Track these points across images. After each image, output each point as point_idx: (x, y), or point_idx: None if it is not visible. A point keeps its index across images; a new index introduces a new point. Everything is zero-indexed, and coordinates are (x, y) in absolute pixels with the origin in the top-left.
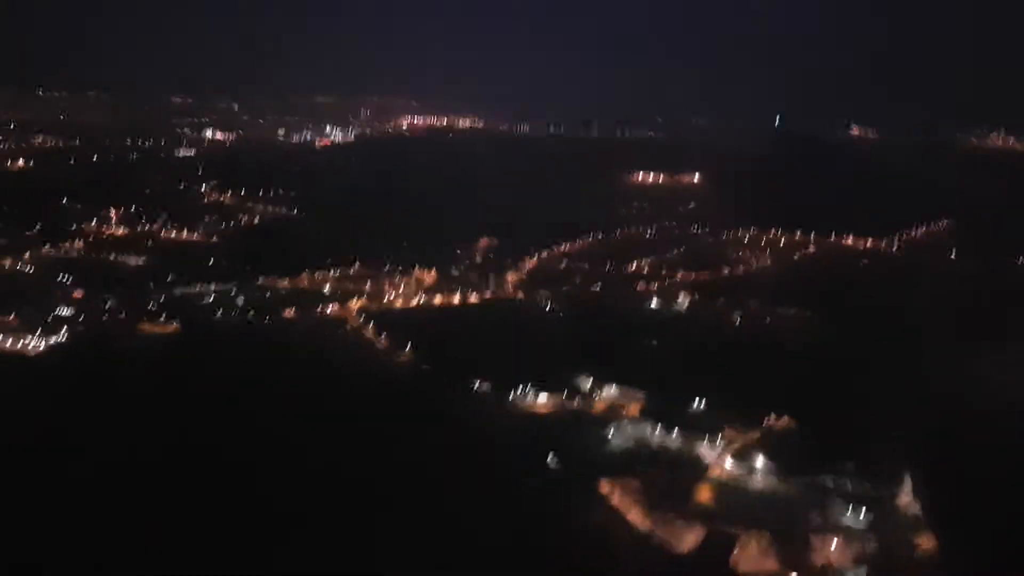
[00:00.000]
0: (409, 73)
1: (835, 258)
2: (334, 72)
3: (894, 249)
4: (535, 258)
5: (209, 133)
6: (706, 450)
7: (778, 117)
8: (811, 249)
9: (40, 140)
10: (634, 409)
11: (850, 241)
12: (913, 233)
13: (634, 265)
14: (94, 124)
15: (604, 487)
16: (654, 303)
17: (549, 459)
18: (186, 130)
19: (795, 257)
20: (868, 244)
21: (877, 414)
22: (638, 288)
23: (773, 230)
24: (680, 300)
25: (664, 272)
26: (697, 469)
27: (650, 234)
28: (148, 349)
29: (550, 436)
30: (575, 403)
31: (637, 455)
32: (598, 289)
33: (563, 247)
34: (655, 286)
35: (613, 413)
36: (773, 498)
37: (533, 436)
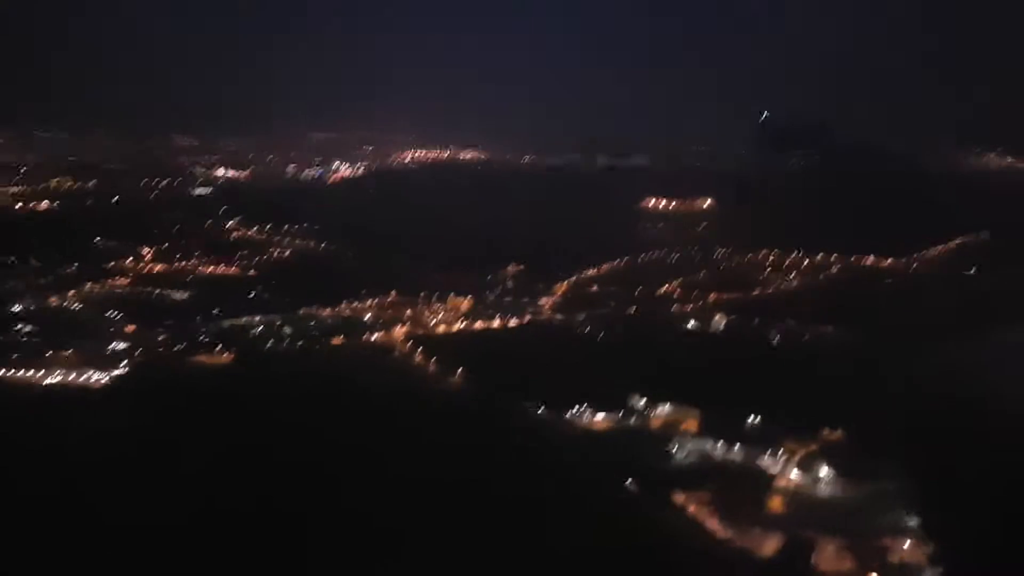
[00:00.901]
0: (402, 110)
1: (859, 277)
2: (327, 110)
3: (913, 267)
4: (565, 283)
5: (220, 171)
6: (769, 462)
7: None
8: (834, 270)
9: (56, 182)
10: (691, 425)
11: (870, 261)
12: (930, 252)
13: (664, 288)
14: (104, 165)
15: (678, 499)
16: (691, 324)
17: (628, 483)
18: (197, 168)
19: (820, 277)
20: (888, 263)
21: (920, 422)
22: (673, 310)
23: (795, 252)
24: (717, 320)
25: (695, 294)
26: (763, 480)
27: (673, 258)
28: (208, 378)
29: (613, 453)
30: (631, 421)
31: (703, 469)
32: (634, 311)
33: (591, 271)
34: (689, 307)
35: (671, 429)
36: (842, 503)
37: (597, 453)
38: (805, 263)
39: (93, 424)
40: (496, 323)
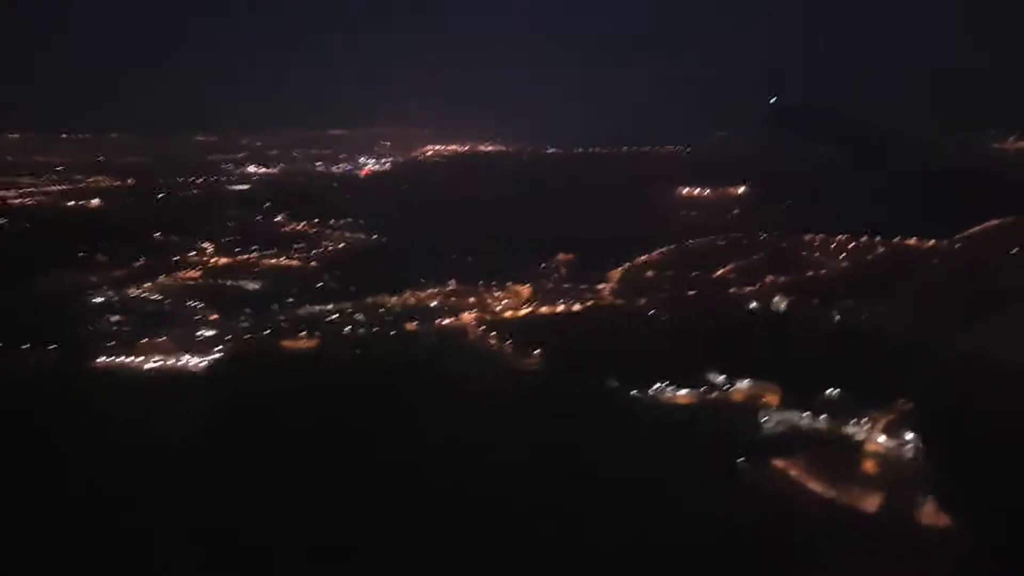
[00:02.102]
0: (416, 105)
1: (905, 258)
2: (341, 106)
3: (957, 247)
4: (620, 270)
5: (252, 168)
6: (855, 428)
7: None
8: (880, 251)
9: (93, 180)
10: (773, 399)
11: (913, 242)
12: (973, 232)
13: (720, 271)
14: (135, 163)
15: (777, 465)
16: (752, 305)
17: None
18: (228, 166)
19: (868, 258)
20: (931, 244)
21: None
22: (732, 292)
23: (839, 235)
24: (777, 301)
25: (750, 277)
26: (853, 445)
27: (721, 243)
28: (297, 361)
29: (703, 425)
30: (713, 396)
31: (793, 437)
32: (694, 294)
33: (642, 258)
34: (747, 290)
35: (754, 403)
36: (931, 463)
37: (688, 426)
38: (851, 246)
39: (197, 405)
40: (560, 308)
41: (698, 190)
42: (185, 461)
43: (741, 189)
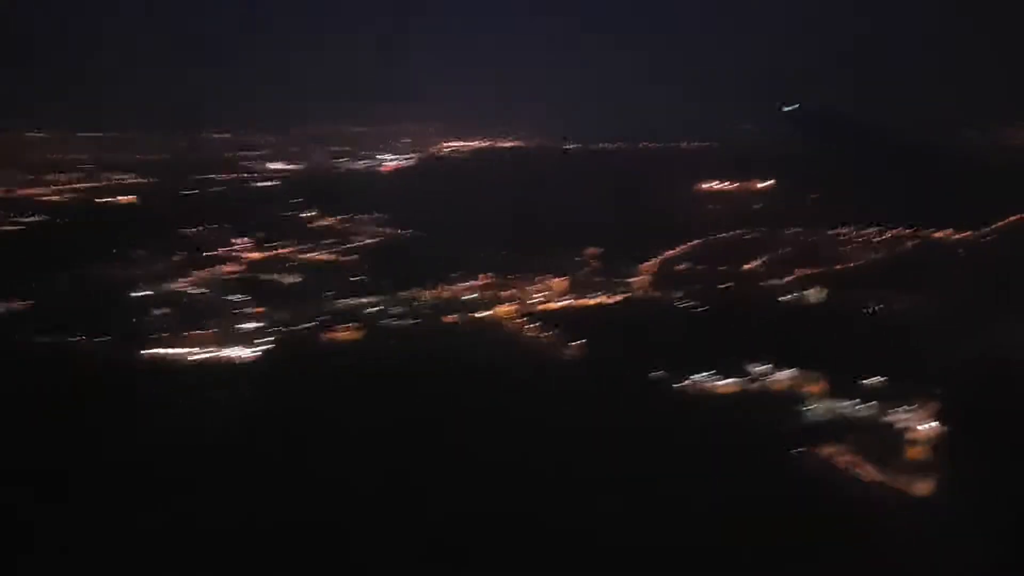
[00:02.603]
0: (430, 102)
1: (936, 250)
2: (353, 103)
3: (985, 240)
4: (651, 263)
5: (272, 164)
6: (900, 416)
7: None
8: (910, 244)
9: (119, 178)
10: (815, 388)
11: (942, 234)
12: (1001, 224)
13: (751, 264)
14: (156, 161)
15: (826, 451)
16: (788, 297)
17: None
18: (250, 162)
19: (899, 251)
20: (960, 236)
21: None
22: (765, 284)
23: (867, 228)
24: (811, 292)
25: (782, 270)
26: (900, 431)
27: (749, 237)
28: (346, 353)
29: (747, 414)
30: (755, 385)
31: (840, 424)
32: (727, 287)
33: (671, 252)
34: (781, 282)
35: (797, 392)
36: (977, 447)
37: (733, 416)
38: (880, 238)
39: (250, 394)
40: (596, 300)
41: (720, 184)
42: (243, 448)
43: (764, 183)
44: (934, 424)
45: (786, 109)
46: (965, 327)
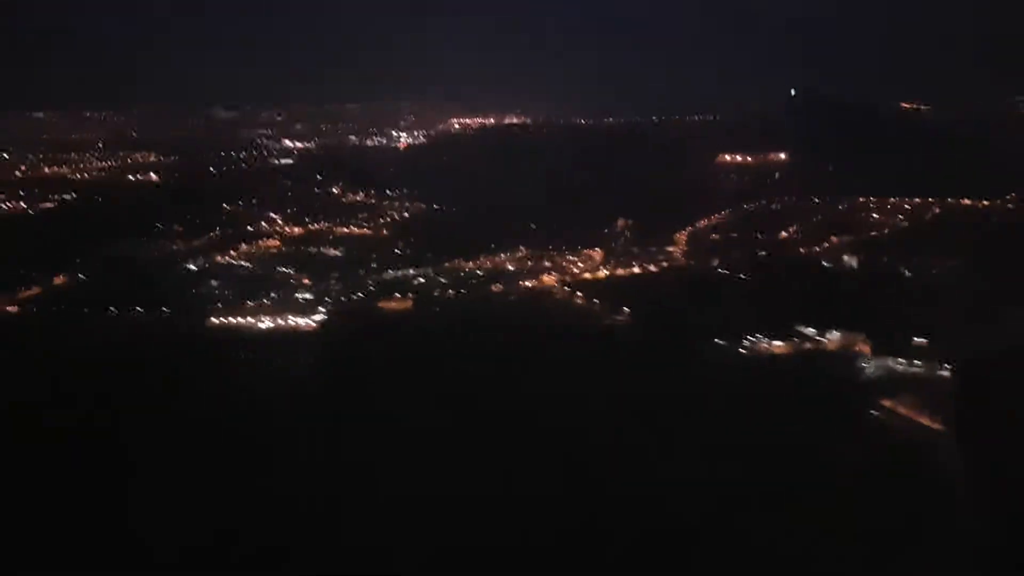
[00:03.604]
0: (434, 79)
1: (963, 217)
2: (355, 81)
3: (1010, 207)
4: (684, 233)
5: (287, 142)
6: (948, 372)
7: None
8: (936, 211)
9: (140, 155)
10: (864, 347)
11: (968, 202)
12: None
13: (784, 233)
14: (170, 139)
15: (886, 403)
16: (824, 263)
17: None
18: (264, 140)
19: (927, 217)
20: (986, 203)
21: None
22: (802, 251)
23: (891, 196)
24: (847, 258)
25: (815, 237)
26: (950, 383)
27: (776, 207)
28: (399, 320)
29: (807, 372)
30: (807, 346)
31: (895, 380)
32: (765, 254)
33: (703, 222)
34: (816, 249)
35: (848, 351)
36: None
37: (793, 374)
38: (906, 206)
39: (314, 360)
40: (636, 268)
41: (739, 157)
42: (312, 412)
43: (782, 155)
44: (977, 381)
45: (793, 92)
46: (996, 289)
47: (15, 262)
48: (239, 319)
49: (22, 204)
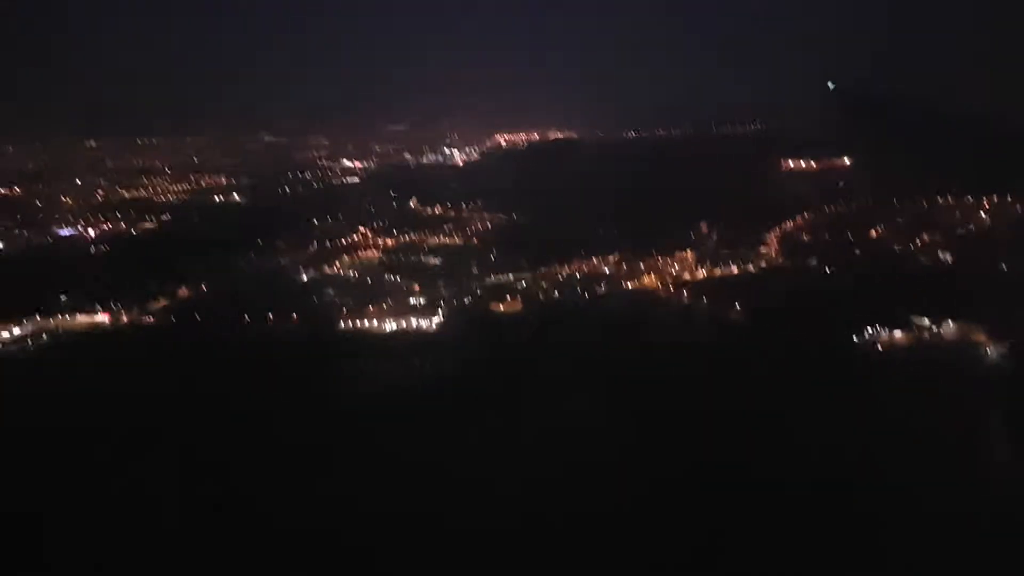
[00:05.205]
0: (475, 100)
1: None
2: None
3: None
4: (773, 234)
5: (348, 162)
6: None
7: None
8: (1018, 208)
9: (211, 179)
10: (980, 336)
11: None
12: None
13: (874, 232)
14: (231, 163)
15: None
16: (920, 260)
17: None
18: (322, 161)
19: (1010, 215)
20: None
21: None
22: (897, 249)
23: (966, 197)
24: (942, 255)
25: (905, 236)
26: None
27: (857, 209)
28: (515, 322)
29: (937, 359)
30: (927, 337)
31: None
32: (859, 252)
33: (787, 224)
34: (911, 247)
35: (967, 341)
36: None
37: (927, 361)
38: (985, 205)
39: (447, 357)
40: (735, 269)
41: (802, 162)
42: (454, 407)
43: (845, 160)
44: None
45: (831, 86)
46: None
47: (136, 277)
48: (365, 323)
49: (122, 225)
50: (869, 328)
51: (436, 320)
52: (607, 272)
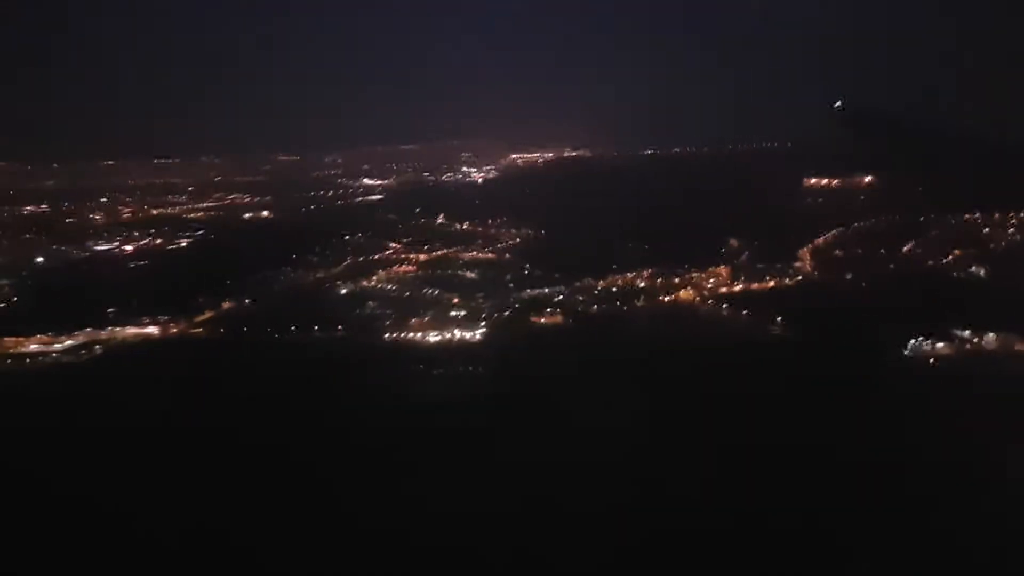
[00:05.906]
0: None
1: None
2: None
3: None
4: (807, 249)
5: (368, 180)
6: None
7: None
8: None
9: (233, 197)
10: (1023, 347)
11: None
12: None
13: (906, 248)
14: (252, 182)
15: None
16: (954, 274)
17: None
18: (341, 180)
19: None
20: None
21: None
22: (931, 264)
23: (994, 212)
24: (975, 269)
25: (938, 251)
26: None
27: (886, 225)
28: (556, 334)
29: (982, 369)
30: (969, 348)
31: None
32: (893, 267)
33: (818, 240)
34: (944, 261)
35: (1009, 351)
36: None
37: (974, 370)
38: (1013, 221)
39: (491, 370)
40: (771, 283)
41: (824, 180)
42: (497, 417)
43: (868, 178)
44: None
45: (836, 106)
46: None
47: (179, 291)
48: (410, 335)
49: (157, 241)
50: (913, 340)
51: (480, 332)
52: (642, 286)
